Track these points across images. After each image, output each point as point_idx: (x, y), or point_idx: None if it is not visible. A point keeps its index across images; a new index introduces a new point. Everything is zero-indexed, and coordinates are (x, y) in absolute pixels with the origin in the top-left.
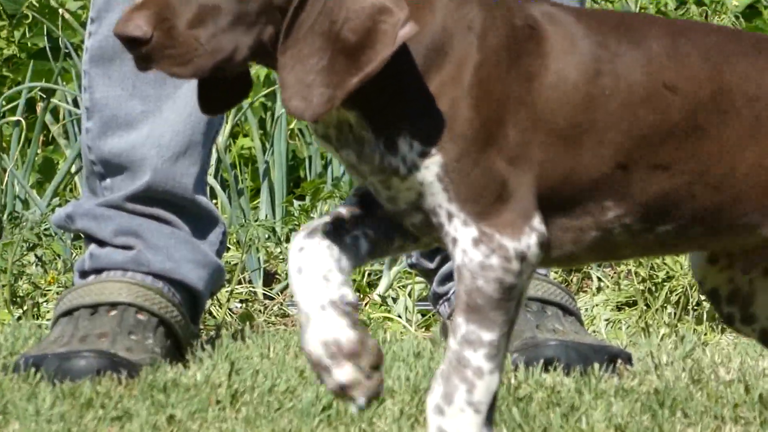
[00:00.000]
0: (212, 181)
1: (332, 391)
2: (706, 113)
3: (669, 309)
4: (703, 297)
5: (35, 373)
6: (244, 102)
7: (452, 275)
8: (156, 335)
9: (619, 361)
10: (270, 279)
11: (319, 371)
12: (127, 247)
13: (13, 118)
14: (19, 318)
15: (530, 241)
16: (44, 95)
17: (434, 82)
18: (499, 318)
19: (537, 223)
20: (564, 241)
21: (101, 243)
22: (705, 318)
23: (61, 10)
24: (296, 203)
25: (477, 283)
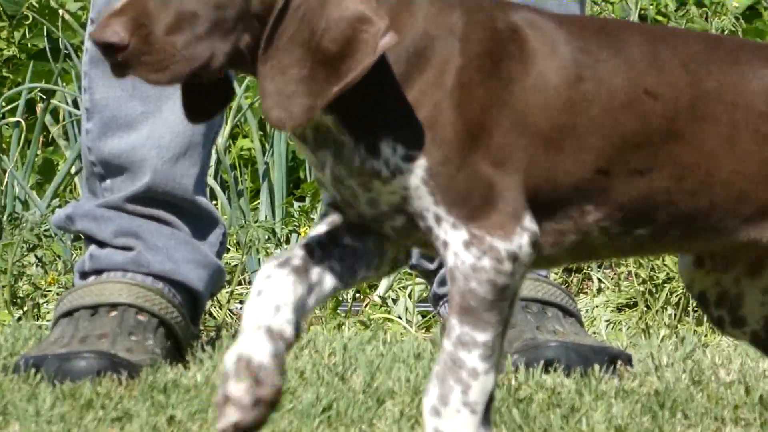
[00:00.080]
0: (212, 182)
1: (216, 400)
2: (686, 120)
3: (669, 310)
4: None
5: (35, 374)
6: (244, 103)
7: None
8: (156, 336)
9: (620, 362)
10: None
11: (222, 379)
12: (127, 248)
13: (13, 119)
14: (19, 319)
15: (522, 242)
16: (44, 96)
17: (417, 86)
18: (492, 319)
19: (528, 222)
20: (543, 244)
21: (101, 244)
22: (705, 319)
23: (61, 11)
24: (296, 204)
25: (470, 285)
